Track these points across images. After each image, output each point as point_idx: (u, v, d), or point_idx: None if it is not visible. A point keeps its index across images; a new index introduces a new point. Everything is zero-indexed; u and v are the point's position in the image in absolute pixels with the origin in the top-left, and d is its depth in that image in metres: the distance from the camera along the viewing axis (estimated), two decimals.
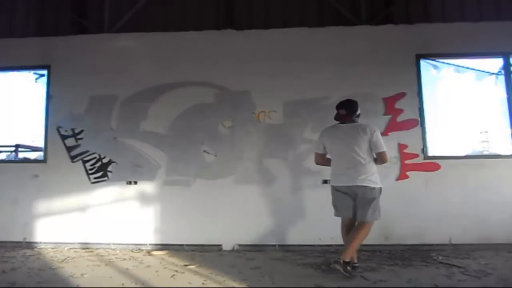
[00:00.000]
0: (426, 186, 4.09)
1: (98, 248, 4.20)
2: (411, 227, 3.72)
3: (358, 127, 3.16)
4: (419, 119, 4.25)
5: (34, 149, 6.15)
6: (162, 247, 4.19)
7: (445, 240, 4.03)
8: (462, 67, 4.65)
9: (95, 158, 4.42)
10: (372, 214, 3.07)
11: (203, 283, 2.88)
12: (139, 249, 4.18)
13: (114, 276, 3.11)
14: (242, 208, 4.22)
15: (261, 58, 4.40)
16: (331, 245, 4.08)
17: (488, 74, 4.71)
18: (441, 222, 4.03)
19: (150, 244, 4.24)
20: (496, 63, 4.56)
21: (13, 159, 5.68)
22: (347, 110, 3.24)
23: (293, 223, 4.19)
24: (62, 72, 4.57)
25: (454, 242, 4.01)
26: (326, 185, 4.19)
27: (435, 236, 4.03)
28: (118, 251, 4.09)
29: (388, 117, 4.25)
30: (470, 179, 4.14)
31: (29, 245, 4.30)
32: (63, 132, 4.47)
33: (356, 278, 2.98)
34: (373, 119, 4.13)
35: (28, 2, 5.05)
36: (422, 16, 4.68)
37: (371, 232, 3.85)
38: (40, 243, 4.33)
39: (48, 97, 4.56)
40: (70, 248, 4.22)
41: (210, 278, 3.02)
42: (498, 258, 3.56)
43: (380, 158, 3.18)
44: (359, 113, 3.31)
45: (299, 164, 4.26)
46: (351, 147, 3.10)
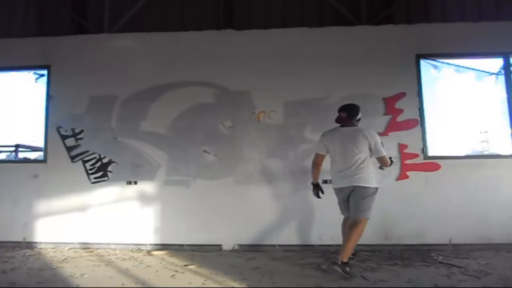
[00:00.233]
0: (426, 186, 4.10)
1: (98, 248, 4.20)
2: (411, 227, 3.73)
3: (358, 131, 3.26)
4: (419, 119, 4.25)
5: (34, 149, 6.16)
6: (162, 247, 4.19)
7: (445, 240, 4.03)
8: (462, 67, 4.65)
9: (95, 158, 4.42)
10: (362, 212, 3.14)
11: (203, 283, 2.89)
12: (139, 249, 4.18)
13: (114, 276, 3.11)
14: (242, 208, 4.22)
15: (261, 58, 4.40)
16: (331, 245, 4.08)
17: (488, 74, 4.72)
18: (441, 222, 4.03)
19: (150, 244, 4.24)
20: (496, 63, 4.56)
21: (13, 159, 5.68)
22: (348, 113, 3.34)
23: (293, 223, 4.19)
24: (62, 72, 4.57)
25: (454, 242, 4.01)
26: (326, 185, 4.19)
27: (435, 236, 4.03)
28: (118, 251, 4.09)
29: (388, 117, 4.26)
30: (470, 179, 4.14)
31: (29, 245, 4.30)
32: (63, 132, 4.48)
33: (356, 278, 2.98)
34: (373, 119, 4.15)
35: (28, 2, 5.05)
36: (422, 16, 4.68)
37: (371, 232, 3.90)
38: (40, 243, 4.33)
39: (48, 97, 4.56)
40: (70, 248, 4.22)
41: (210, 278, 3.02)
42: (498, 258, 3.56)
43: (381, 162, 3.33)
44: (359, 117, 3.41)
45: (299, 164, 4.26)
46: (351, 150, 3.20)
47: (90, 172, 4.40)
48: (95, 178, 4.39)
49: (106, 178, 4.38)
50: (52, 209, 4.35)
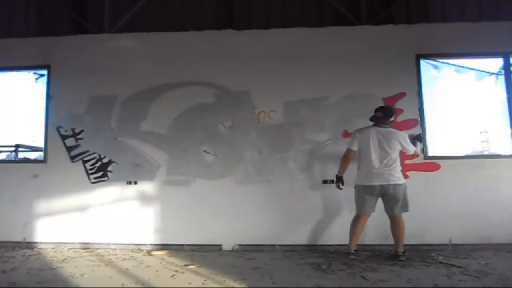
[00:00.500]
0: (426, 186, 4.09)
1: (98, 248, 4.20)
2: (411, 227, 3.71)
3: (391, 132, 3.60)
4: (419, 119, 4.24)
5: (34, 149, 6.15)
6: (162, 247, 4.19)
7: (445, 240, 4.03)
8: (462, 67, 4.65)
9: (95, 158, 4.42)
10: (404, 207, 3.52)
11: (203, 283, 2.88)
12: (139, 249, 4.18)
13: (114, 276, 3.11)
14: (242, 208, 4.22)
15: (261, 58, 4.40)
16: (331, 245, 4.09)
17: (488, 74, 4.72)
18: (441, 222, 4.03)
19: (150, 244, 4.24)
20: (496, 63, 4.56)
21: (13, 159, 5.68)
22: (384, 114, 3.64)
23: (293, 223, 4.19)
24: (62, 72, 4.57)
25: (454, 242, 4.01)
26: (326, 185, 4.21)
27: (435, 236, 4.03)
28: (118, 251, 4.09)
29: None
30: (470, 179, 4.13)
31: (29, 245, 4.30)
32: (63, 132, 4.47)
33: (356, 278, 2.99)
34: None
35: (28, 2, 5.05)
36: (422, 16, 4.68)
37: (371, 232, 3.96)
38: (40, 243, 4.33)
39: (48, 97, 4.56)
40: (70, 248, 4.22)
41: (210, 278, 3.02)
42: (498, 258, 3.56)
43: (413, 156, 3.84)
44: (392, 120, 3.72)
45: (299, 164, 4.26)
46: (386, 149, 3.52)
47: (90, 172, 4.40)
48: (95, 178, 4.39)
49: (106, 178, 4.38)
50: (52, 209, 4.35)
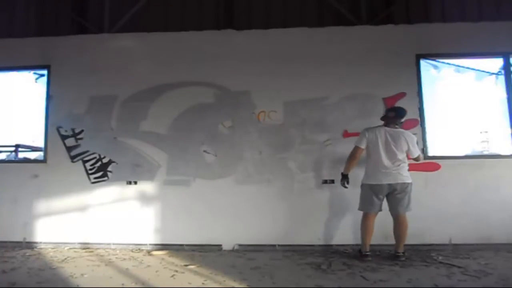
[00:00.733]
0: (426, 186, 4.09)
1: (98, 248, 4.20)
2: (411, 227, 3.71)
3: (401, 133, 3.63)
4: (419, 119, 4.24)
5: (34, 149, 6.16)
6: (162, 247, 4.19)
7: (445, 240, 4.03)
8: (462, 67, 4.65)
9: (95, 158, 4.42)
10: (408, 206, 3.58)
11: (203, 283, 2.89)
12: (139, 249, 4.18)
13: (114, 276, 3.11)
14: (242, 208, 4.22)
15: (261, 58, 4.40)
16: (331, 245, 4.09)
17: (488, 74, 4.72)
18: (441, 222, 4.03)
19: (150, 244, 4.24)
20: (496, 63, 4.56)
21: (13, 159, 5.69)
22: (396, 114, 3.67)
23: (293, 223, 4.18)
24: (62, 72, 4.57)
25: (454, 242, 4.01)
26: (326, 185, 4.21)
27: (435, 236, 4.03)
28: (118, 251, 4.09)
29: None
30: (470, 179, 4.14)
31: (29, 245, 4.30)
32: (63, 132, 4.47)
33: (356, 278, 2.99)
34: (373, 119, 4.13)
35: (28, 2, 5.04)
36: (422, 16, 4.67)
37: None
38: (40, 243, 4.33)
39: (48, 97, 4.56)
40: (70, 248, 4.22)
41: (210, 278, 3.02)
42: (498, 258, 3.56)
43: (416, 160, 3.82)
44: (403, 121, 3.74)
45: (299, 164, 4.26)
46: (395, 149, 3.55)
47: (90, 172, 4.40)
48: (95, 178, 4.39)
49: (106, 178, 4.38)
50: (52, 209, 4.35)
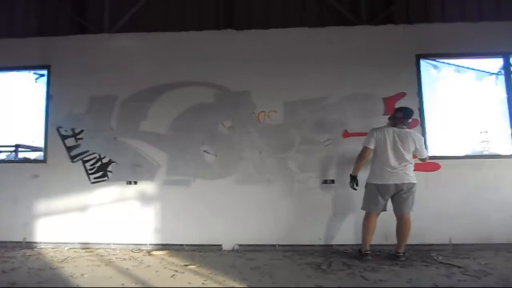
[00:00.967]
0: (426, 186, 4.09)
1: (98, 248, 4.20)
2: (411, 227, 3.71)
3: (408, 133, 3.64)
4: (419, 119, 4.24)
5: (34, 149, 6.15)
6: (162, 247, 4.19)
7: (445, 240, 4.03)
8: (462, 67, 4.65)
9: (95, 158, 4.42)
10: (412, 206, 3.59)
11: (203, 283, 2.89)
12: (139, 249, 4.18)
13: (114, 276, 3.11)
14: (242, 208, 4.22)
15: (261, 58, 4.40)
16: (331, 245, 4.09)
17: (488, 74, 4.71)
18: (441, 222, 4.03)
19: (150, 244, 4.24)
20: (496, 63, 4.56)
21: (13, 159, 5.68)
22: (404, 114, 3.68)
23: (293, 223, 4.18)
24: (62, 72, 4.57)
25: (454, 242, 4.01)
26: (326, 185, 4.21)
27: (435, 236, 4.03)
28: (118, 251, 4.09)
29: (388, 117, 4.25)
30: (470, 179, 4.14)
31: (29, 245, 4.30)
32: (63, 132, 4.47)
33: (356, 278, 2.99)
34: (373, 119, 4.14)
35: (28, 2, 5.04)
36: (422, 16, 4.67)
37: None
38: (40, 243, 4.33)
39: (48, 97, 4.56)
40: (70, 248, 4.22)
41: (210, 278, 3.02)
42: (498, 258, 3.56)
43: (423, 160, 3.84)
44: (410, 121, 3.76)
45: (299, 164, 4.26)
46: (402, 149, 3.57)
47: (90, 172, 4.40)
48: (95, 178, 4.39)
49: (106, 178, 4.38)
50: (52, 209, 4.35)
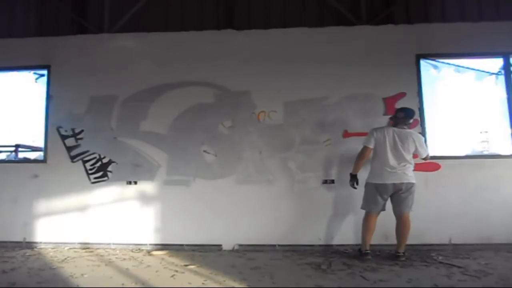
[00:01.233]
0: (426, 186, 4.09)
1: (98, 248, 4.20)
2: (411, 227, 3.72)
3: (408, 134, 3.66)
4: (419, 119, 4.24)
5: (34, 149, 6.16)
6: (162, 247, 4.19)
7: (445, 240, 4.03)
8: (462, 67, 4.65)
9: (95, 158, 4.42)
10: (411, 206, 3.60)
11: (203, 283, 2.89)
12: (139, 249, 4.18)
13: (114, 276, 3.11)
14: (242, 208, 4.22)
15: (261, 58, 4.40)
16: (331, 245, 4.09)
17: (488, 74, 4.71)
18: (441, 222, 4.03)
19: (150, 244, 4.24)
20: (496, 63, 4.56)
21: (13, 159, 5.69)
22: (405, 115, 3.70)
23: (293, 223, 4.18)
24: (62, 72, 4.57)
25: (454, 242, 4.01)
26: (325, 185, 4.21)
27: (435, 236, 4.03)
28: (118, 251, 4.09)
29: (388, 117, 4.25)
30: (470, 179, 4.14)
31: (29, 245, 4.30)
32: (63, 132, 4.47)
33: (356, 278, 2.99)
34: (373, 119, 4.15)
35: (28, 2, 5.04)
36: (422, 16, 4.67)
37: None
38: (40, 243, 4.33)
39: (48, 97, 4.56)
40: (70, 248, 4.22)
41: (210, 278, 3.02)
42: (498, 258, 3.56)
43: (424, 160, 3.84)
44: (411, 122, 3.78)
45: (299, 164, 4.26)
46: (402, 150, 3.58)
47: (90, 172, 4.40)
48: (95, 178, 4.39)
49: (106, 178, 4.38)
50: (52, 209, 4.35)
